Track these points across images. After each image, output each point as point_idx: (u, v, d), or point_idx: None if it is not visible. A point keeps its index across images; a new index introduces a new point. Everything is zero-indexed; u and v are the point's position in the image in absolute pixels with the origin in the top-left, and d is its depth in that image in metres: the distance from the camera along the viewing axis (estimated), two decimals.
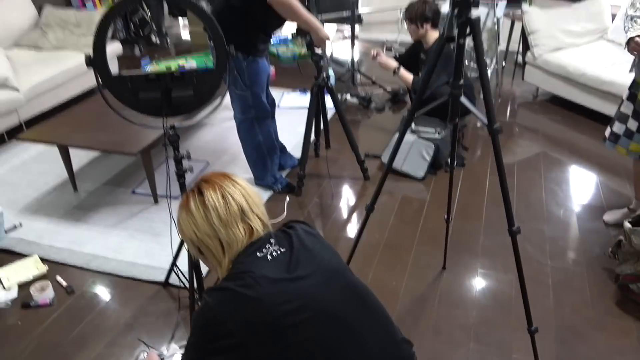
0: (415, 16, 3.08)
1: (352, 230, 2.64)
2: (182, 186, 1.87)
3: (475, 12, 1.39)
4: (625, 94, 2.39)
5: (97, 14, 4.39)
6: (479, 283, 2.29)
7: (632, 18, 2.17)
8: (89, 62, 1.69)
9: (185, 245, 1.29)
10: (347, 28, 5.58)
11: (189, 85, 1.75)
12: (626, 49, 2.21)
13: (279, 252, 1.20)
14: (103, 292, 2.28)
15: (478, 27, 1.41)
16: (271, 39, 2.77)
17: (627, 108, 2.36)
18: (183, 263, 2.16)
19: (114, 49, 4.37)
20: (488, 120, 1.50)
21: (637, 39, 2.12)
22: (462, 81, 1.58)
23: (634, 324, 2.06)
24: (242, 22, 2.43)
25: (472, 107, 1.60)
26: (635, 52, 2.17)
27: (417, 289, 2.26)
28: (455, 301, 2.19)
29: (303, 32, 2.68)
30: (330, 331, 1.13)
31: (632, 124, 2.35)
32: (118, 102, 1.71)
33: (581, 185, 2.99)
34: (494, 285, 2.26)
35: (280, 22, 2.61)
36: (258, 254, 1.18)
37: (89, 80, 4.12)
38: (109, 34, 3.98)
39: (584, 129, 3.63)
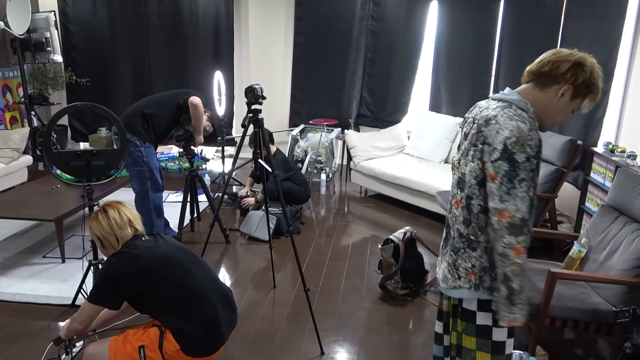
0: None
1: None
2: None
3: (260, 115, 2.77)
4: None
5: (12, 132, 5.37)
6: (297, 289, 3.45)
7: None
8: (40, 144, 2.80)
9: (94, 240, 2.34)
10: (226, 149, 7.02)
11: (102, 158, 2.91)
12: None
13: (149, 238, 2.31)
14: (23, 313, 3.11)
15: (262, 122, 2.77)
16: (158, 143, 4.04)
17: (439, 326, 1.98)
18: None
19: (26, 159, 5.33)
20: (286, 222, 2.80)
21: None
22: (259, 150, 2.88)
23: (386, 306, 3.32)
24: (147, 125, 3.77)
25: (268, 167, 2.90)
26: None
27: (256, 296, 3.37)
28: (282, 300, 3.32)
29: (180, 139, 4.00)
30: (178, 270, 2.23)
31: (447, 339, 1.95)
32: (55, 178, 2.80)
33: (375, 246, 4.38)
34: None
35: (170, 130, 3.92)
36: (137, 240, 2.28)
37: (5, 183, 5.01)
38: (25, 146, 5.09)
39: (388, 212, 5.14)
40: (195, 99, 3.80)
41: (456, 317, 1.81)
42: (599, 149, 4.25)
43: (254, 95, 2.71)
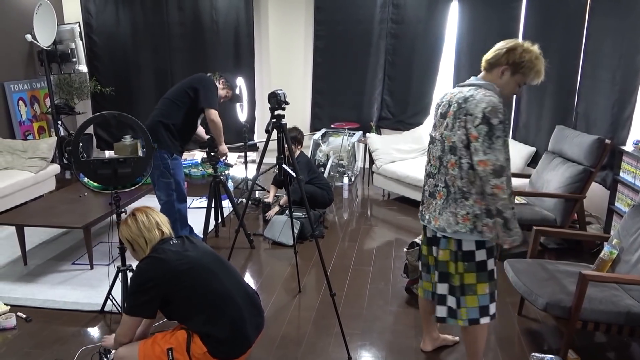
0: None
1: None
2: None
3: (284, 120, 2.77)
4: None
5: (40, 142, 5.49)
6: (322, 294, 3.44)
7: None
8: (68, 153, 2.85)
9: (124, 244, 2.38)
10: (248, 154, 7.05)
11: (128, 166, 2.95)
12: None
13: (177, 241, 2.34)
14: (54, 319, 3.16)
15: (286, 127, 2.78)
16: (184, 150, 4.08)
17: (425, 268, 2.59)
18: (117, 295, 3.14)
19: (54, 168, 5.45)
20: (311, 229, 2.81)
21: None
22: (283, 155, 2.88)
23: (412, 310, 3.28)
24: (172, 134, 3.79)
25: (292, 172, 2.91)
26: None
27: (282, 301, 3.37)
28: (307, 305, 3.32)
29: (204, 146, 4.04)
30: (204, 274, 2.25)
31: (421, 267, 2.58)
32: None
33: (399, 249, 4.34)
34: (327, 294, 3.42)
35: (190, 138, 3.96)
36: (165, 244, 2.31)
37: (34, 192, 5.13)
38: (52, 155, 5.21)
39: (412, 214, 5.10)
40: (212, 113, 3.75)
41: (455, 262, 2.32)
42: (628, 147, 4.15)
43: (277, 101, 2.72)
